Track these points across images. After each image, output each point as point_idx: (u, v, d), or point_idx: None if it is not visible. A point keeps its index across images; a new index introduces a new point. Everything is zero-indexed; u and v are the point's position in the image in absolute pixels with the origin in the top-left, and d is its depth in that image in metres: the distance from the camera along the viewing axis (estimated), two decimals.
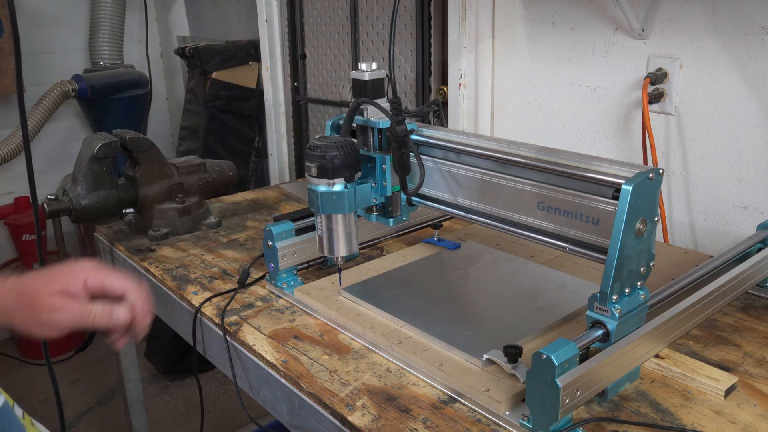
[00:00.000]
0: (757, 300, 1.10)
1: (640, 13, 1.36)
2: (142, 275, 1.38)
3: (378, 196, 1.11)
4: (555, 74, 1.56)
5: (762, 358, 0.94)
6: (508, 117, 1.70)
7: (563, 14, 1.50)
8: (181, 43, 3.24)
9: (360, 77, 1.07)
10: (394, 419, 0.83)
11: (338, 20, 2.14)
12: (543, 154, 0.93)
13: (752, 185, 1.29)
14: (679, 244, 1.42)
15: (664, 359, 0.92)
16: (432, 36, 1.83)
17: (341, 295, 1.12)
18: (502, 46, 1.66)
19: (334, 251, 1.08)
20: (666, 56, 1.35)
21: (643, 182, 0.79)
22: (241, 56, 2.68)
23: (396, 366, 0.96)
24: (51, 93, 2.82)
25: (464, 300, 1.13)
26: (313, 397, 0.91)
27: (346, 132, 1.09)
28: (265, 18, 2.35)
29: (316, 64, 2.29)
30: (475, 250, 1.29)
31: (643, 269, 0.84)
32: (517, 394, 0.84)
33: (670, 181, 1.41)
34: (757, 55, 1.23)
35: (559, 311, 1.03)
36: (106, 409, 2.57)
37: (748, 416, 0.81)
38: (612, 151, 1.49)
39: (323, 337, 1.04)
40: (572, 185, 0.89)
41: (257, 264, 1.28)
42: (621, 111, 1.46)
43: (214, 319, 1.13)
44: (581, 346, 0.77)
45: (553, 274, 1.18)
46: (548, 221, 0.94)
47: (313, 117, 2.41)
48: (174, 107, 3.56)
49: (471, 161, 1.03)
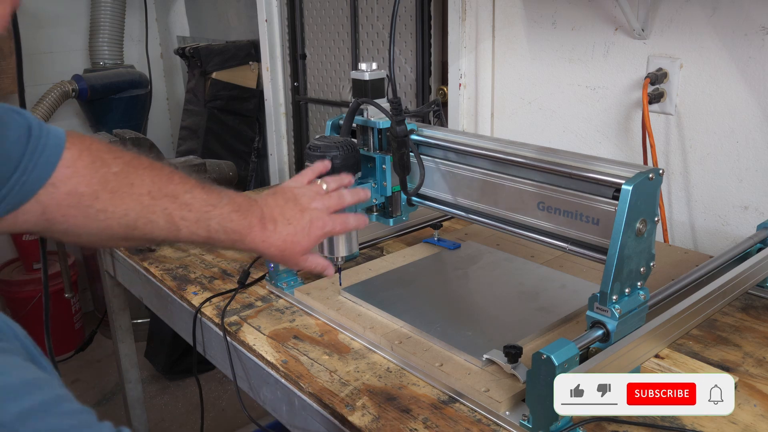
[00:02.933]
0: (757, 300, 1.10)
1: (640, 13, 1.36)
2: (142, 275, 1.39)
3: (378, 196, 1.11)
4: (555, 74, 1.56)
5: (762, 358, 0.94)
6: (508, 117, 1.70)
7: (563, 14, 1.50)
8: (181, 43, 3.24)
9: (360, 77, 1.07)
10: (395, 419, 0.83)
11: (338, 20, 2.14)
12: (543, 154, 0.93)
13: (752, 185, 1.29)
14: (679, 244, 1.42)
15: (664, 359, 0.92)
16: (432, 36, 1.83)
17: (341, 295, 1.12)
18: (502, 46, 1.66)
19: (334, 251, 1.08)
20: (666, 56, 1.35)
21: (643, 182, 0.79)
22: (241, 56, 2.68)
23: (396, 366, 0.96)
24: (51, 93, 2.82)
25: (464, 300, 1.13)
26: (313, 397, 0.91)
27: (346, 132, 1.09)
28: (265, 18, 2.35)
29: (316, 64, 2.29)
30: (475, 250, 1.29)
31: (643, 269, 0.84)
32: (517, 394, 0.84)
33: (670, 181, 1.41)
34: (757, 55, 1.23)
35: (559, 311, 1.03)
36: (106, 409, 2.57)
37: (748, 416, 0.81)
38: (612, 151, 1.49)
39: (323, 337, 1.04)
40: (572, 185, 0.89)
41: (257, 264, 1.28)
42: (621, 111, 1.46)
43: (214, 319, 1.13)
44: (581, 346, 0.77)
45: (553, 274, 1.18)
46: (548, 221, 0.94)
47: (313, 117, 2.41)
48: (174, 107, 3.56)
49: (471, 161, 1.03)
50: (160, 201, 0.80)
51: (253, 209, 0.86)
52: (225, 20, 2.97)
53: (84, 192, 0.76)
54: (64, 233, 0.78)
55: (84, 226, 0.78)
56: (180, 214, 0.81)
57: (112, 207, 0.77)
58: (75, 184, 0.75)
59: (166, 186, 0.81)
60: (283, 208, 0.89)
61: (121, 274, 1.52)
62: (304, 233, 0.88)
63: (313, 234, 0.89)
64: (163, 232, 0.81)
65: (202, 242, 0.85)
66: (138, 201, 0.78)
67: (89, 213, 0.77)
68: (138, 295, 1.47)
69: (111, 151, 0.79)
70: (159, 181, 0.80)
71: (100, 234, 0.79)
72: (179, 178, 0.82)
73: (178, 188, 0.81)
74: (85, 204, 0.76)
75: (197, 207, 0.82)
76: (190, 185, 0.82)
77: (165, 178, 0.81)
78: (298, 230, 0.88)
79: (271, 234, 0.87)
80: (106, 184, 0.77)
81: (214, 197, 0.84)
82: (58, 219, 0.76)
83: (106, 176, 0.77)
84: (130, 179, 0.79)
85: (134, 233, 0.80)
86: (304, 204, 0.90)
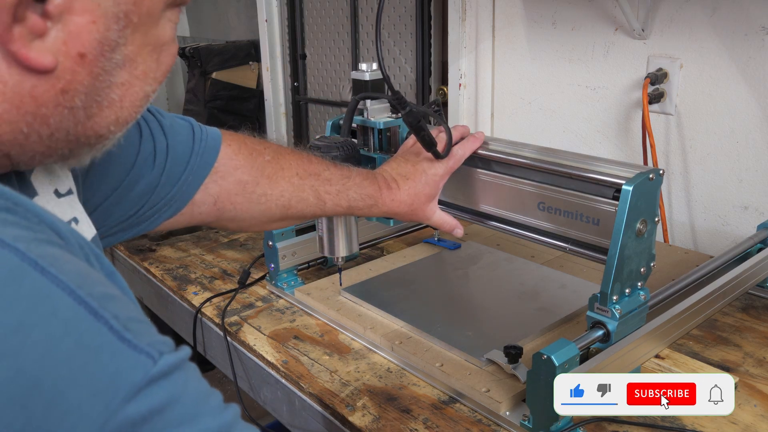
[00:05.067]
0: (757, 300, 1.10)
1: (640, 13, 1.36)
2: (142, 275, 1.39)
3: None
4: (555, 74, 1.56)
5: (762, 359, 0.94)
6: (508, 117, 1.70)
7: (563, 14, 1.50)
8: (181, 43, 3.23)
9: (360, 77, 1.07)
10: (395, 419, 0.83)
11: (338, 20, 2.14)
12: (543, 155, 0.93)
13: (752, 185, 1.29)
14: (679, 244, 1.42)
15: (665, 359, 0.92)
16: (432, 36, 1.83)
17: (341, 295, 1.12)
18: (502, 46, 1.66)
19: (334, 251, 1.08)
20: (666, 56, 1.35)
21: (644, 182, 0.79)
22: (241, 56, 2.67)
23: (396, 366, 0.96)
24: None
25: (465, 300, 1.13)
26: (313, 398, 0.91)
27: (346, 132, 1.09)
28: (265, 18, 2.35)
29: (316, 64, 2.29)
30: (476, 250, 1.29)
31: (644, 270, 0.84)
32: (518, 395, 0.84)
33: (670, 181, 1.41)
34: (757, 55, 1.23)
35: (559, 311, 1.03)
36: None
37: (748, 416, 0.81)
38: (612, 151, 1.49)
39: (323, 338, 1.04)
40: (572, 186, 0.89)
41: (257, 264, 1.28)
42: (621, 111, 1.46)
43: (214, 320, 1.13)
44: (582, 347, 0.77)
45: (553, 274, 1.18)
46: (548, 221, 0.94)
47: (313, 117, 2.41)
48: (174, 107, 3.55)
49: (471, 161, 1.03)
50: (307, 180, 0.91)
51: (377, 176, 0.97)
52: (225, 20, 2.97)
53: (247, 180, 0.87)
54: (232, 220, 0.89)
55: (248, 210, 0.88)
56: (324, 189, 0.92)
57: (270, 190, 0.89)
58: (239, 174, 0.86)
59: (308, 166, 0.92)
60: (398, 169, 0.99)
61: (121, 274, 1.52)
62: (425, 183, 0.97)
63: (431, 181, 0.98)
64: (312, 207, 0.92)
65: (343, 212, 0.96)
66: (290, 182, 0.90)
67: (252, 198, 0.88)
68: (138, 295, 1.47)
69: (261, 143, 0.91)
70: (302, 163, 0.92)
71: (261, 216, 0.90)
72: (316, 159, 0.94)
73: (318, 167, 0.93)
74: (249, 191, 0.87)
75: (336, 180, 0.93)
76: (325, 164, 0.94)
77: (306, 160, 0.92)
78: (417, 182, 0.97)
79: (397, 192, 0.96)
80: (263, 170, 0.88)
81: (346, 171, 0.95)
82: (227, 207, 0.86)
83: (263, 164, 0.88)
84: (281, 164, 0.90)
85: (289, 212, 0.91)
86: (413, 158, 1.00)
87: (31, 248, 0.38)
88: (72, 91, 0.46)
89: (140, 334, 0.41)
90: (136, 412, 0.38)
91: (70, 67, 0.45)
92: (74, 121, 0.48)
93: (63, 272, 0.39)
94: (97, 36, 0.45)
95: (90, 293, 0.40)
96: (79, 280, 0.40)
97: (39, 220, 0.42)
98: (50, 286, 0.38)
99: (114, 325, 0.40)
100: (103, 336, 0.39)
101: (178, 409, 0.40)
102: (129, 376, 0.39)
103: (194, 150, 0.82)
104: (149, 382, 0.39)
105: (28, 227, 0.41)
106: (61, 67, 0.45)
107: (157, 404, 0.39)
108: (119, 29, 0.46)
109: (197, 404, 0.42)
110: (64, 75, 0.45)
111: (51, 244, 0.41)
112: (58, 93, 0.45)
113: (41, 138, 0.47)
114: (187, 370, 0.43)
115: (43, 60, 0.43)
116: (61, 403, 0.36)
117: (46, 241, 0.41)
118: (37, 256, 0.38)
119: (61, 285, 0.38)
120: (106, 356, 0.39)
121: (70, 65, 0.45)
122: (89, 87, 0.47)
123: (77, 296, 0.39)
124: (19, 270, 0.37)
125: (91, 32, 0.45)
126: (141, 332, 0.41)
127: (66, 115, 0.47)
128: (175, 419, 0.40)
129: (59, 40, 0.44)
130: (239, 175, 0.86)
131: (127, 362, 0.39)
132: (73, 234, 0.45)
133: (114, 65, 0.47)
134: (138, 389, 0.39)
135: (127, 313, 0.42)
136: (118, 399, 0.38)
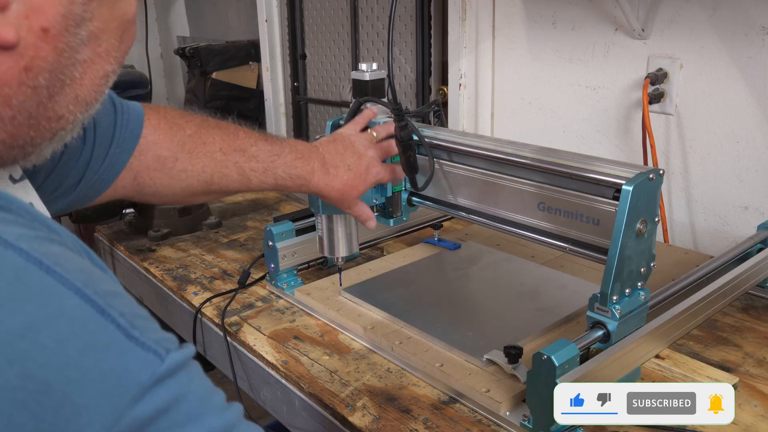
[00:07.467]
0: (757, 300, 1.10)
1: (640, 13, 1.36)
2: (142, 275, 1.39)
3: (378, 196, 1.11)
4: (555, 74, 1.56)
5: (763, 359, 0.94)
6: (509, 117, 1.70)
7: (563, 14, 1.50)
8: (181, 43, 3.24)
9: (360, 77, 1.07)
10: (395, 420, 0.83)
11: (338, 20, 2.14)
12: (543, 155, 0.93)
13: (752, 185, 1.29)
14: (679, 244, 1.42)
15: (665, 360, 0.92)
16: (432, 36, 1.83)
17: (341, 295, 1.12)
18: (502, 47, 1.66)
19: (334, 251, 1.08)
20: (666, 56, 1.35)
21: (644, 183, 0.79)
22: (241, 56, 2.67)
23: (396, 366, 0.96)
24: None
25: (465, 300, 1.13)
26: (313, 398, 0.91)
27: None
28: (265, 18, 2.35)
29: (316, 64, 2.29)
30: (476, 250, 1.29)
31: (644, 270, 0.84)
32: (518, 395, 0.84)
33: (670, 181, 1.41)
34: (757, 55, 1.23)
35: (559, 312, 1.03)
36: None
37: (748, 416, 0.81)
38: (612, 151, 1.49)
39: (323, 338, 1.04)
40: (572, 186, 0.89)
41: (257, 264, 1.28)
42: (621, 111, 1.46)
43: (214, 320, 1.13)
44: (582, 347, 0.77)
45: (553, 274, 1.18)
46: (548, 222, 0.94)
47: (313, 117, 2.41)
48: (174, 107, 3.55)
49: (471, 162, 1.03)
50: (230, 156, 0.88)
51: (313, 155, 0.94)
52: (225, 20, 2.97)
53: (166, 156, 0.85)
54: (153, 195, 0.88)
55: (169, 186, 0.87)
56: (249, 166, 0.89)
57: (191, 166, 0.87)
58: (158, 150, 0.84)
59: (233, 142, 0.89)
60: (344, 155, 0.96)
61: (121, 274, 1.52)
62: (362, 179, 0.97)
63: (369, 180, 0.98)
64: (235, 183, 0.90)
65: (270, 188, 0.94)
66: (212, 158, 0.88)
67: (172, 174, 0.86)
68: (138, 296, 1.47)
69: (183, 116, 0.89)
70: (227, 138, 0.89)
71: (183, 192, 0.89)
72: (244, 134, 0.91)
73: (245, 142, 0.90)
74: (168, 166, 0.85)
75: (263, 158, 0.90)
76: (254, 138, 0.91)
77: (232, 134, 0.90)
78: (357, 176, 0.96)
79: (333, 178, 0.95)
80: (183, 146, 0.86)
81: (277, 147, 0.92)
82: (147, 182, 0.85)
83: (183, 139, 0.86)
84: (203, 139, 0.88)
85: (212, 187, 0.90)
86: (361, 151, 0.98)
87: (34, 247, 0.38)
88: (36, 68, 0.43)
89: (147, 331, 0.41)
90: (143, 412, 0.38)
91: (33, 42, 0.42)
92: (37, 101, 0.44)
93: (67, 270, 0.39)
94: (61, 9, 0.43)
95: (96, 291, 0.39)
96: (84, 278, 0.39)
97: (32, 218, 0.42)
98: (56, 285, 0.38)
99: (121, 323, 0.39)
100: (111, 334, 0.39)
101: (183, 408, 0.40)
102: (137, 375, 0.39)
103: (117, 122, 0.81)
104: (156, 382, 0.39)
105: (27, 225, 0.40)
106: (23, 43, 0.42)
107: (163, 404, 0.39)
108: (84, 2, 0.44)
109: (202, 403, 0.42)
110: (27, 51, 0.42)
111: (51, 241, 0.41)
112: (21, 71, 0.42)
113: (3, 122, 0.43)
114: (191, 368, 0.43)
115: (5, 34, 0.40)
116: (70, 406, 0.36)
117: (47, 239, 0.40)
118: (41, 255, 0.38)
119: (66, 284, 0.38)
120: (114, 355, 0.39)
121: (33, 41, 0.42)
122: (53, 64, 0.44)
123: (84, 294, 0.38)
124: (24, 270, 0.37)
125: (54, 5, 0.42)
126: (147, 329, 0.41)
127: (29, 95, 0.44)
128: (180, 418, 0.40)
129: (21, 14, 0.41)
130: (157, 150, 0.85)
131: (135, 361, 0.39)
132: (63, 230, 0.44)
133: (79, 41, 0.45)
134: (145, 389, 0.39)
135: (131, 309, 0.41)
136: (126, 400, 0.38)
